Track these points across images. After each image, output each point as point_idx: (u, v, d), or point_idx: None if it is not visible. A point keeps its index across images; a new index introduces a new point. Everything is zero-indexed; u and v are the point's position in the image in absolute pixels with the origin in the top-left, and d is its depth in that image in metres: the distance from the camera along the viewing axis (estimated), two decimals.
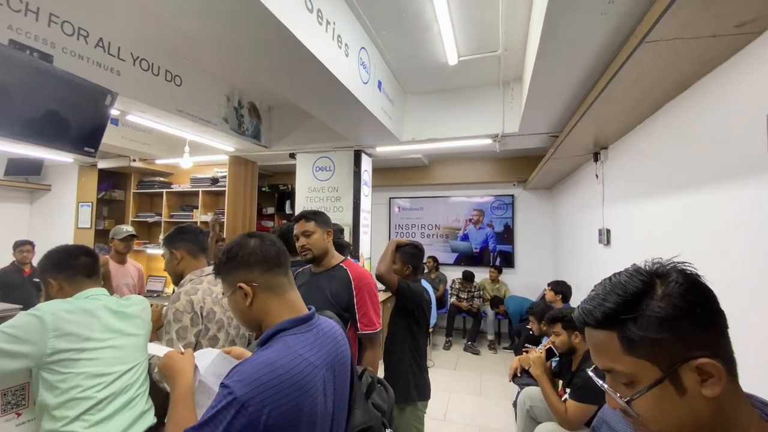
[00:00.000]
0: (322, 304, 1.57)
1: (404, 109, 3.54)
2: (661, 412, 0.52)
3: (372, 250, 4.11)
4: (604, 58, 1.83)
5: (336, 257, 1.78)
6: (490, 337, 5.01)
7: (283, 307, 0.86)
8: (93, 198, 4.50)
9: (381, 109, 2.88)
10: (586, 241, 3.51)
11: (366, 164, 3.94)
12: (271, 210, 5.48)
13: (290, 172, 4.97)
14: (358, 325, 1.64)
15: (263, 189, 5.35)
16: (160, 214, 4.60)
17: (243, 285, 0.85)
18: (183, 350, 0.97)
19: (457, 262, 5.74)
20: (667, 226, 1.98)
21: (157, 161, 4.38)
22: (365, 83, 2.53)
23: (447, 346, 4.89)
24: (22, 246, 3.53)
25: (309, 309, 0.90)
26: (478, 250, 5.71)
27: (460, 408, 3.28)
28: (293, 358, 0.75)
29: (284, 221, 5.03)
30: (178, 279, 1.61)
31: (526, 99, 2.47)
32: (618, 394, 0.55)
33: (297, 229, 1.69)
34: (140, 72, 2.48)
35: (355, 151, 3.80)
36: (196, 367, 0.94)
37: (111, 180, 4.73)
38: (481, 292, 5.17)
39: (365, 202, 3.92)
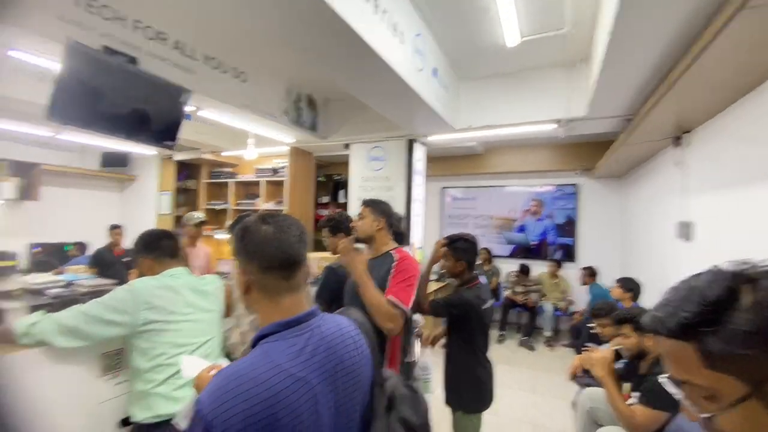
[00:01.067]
0: None
1: (459, 95, 3.45)
2: (749, 430, 0.46)
3: (424, 241, 4.10)
4: (689, 30, 1.63)
5: (388, 245, 1.80)
6: (547, 333, 4.79)
7: (274, 310, 0.76)
8: (171, 187, 4.98)
9: (435, 97, 2.83)
10: (661, 235, 3.20)
11: (419, 153, 3.91)
12: (326, 199, 5.67)
13: (344, 162, 5.08)
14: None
15: (319, 179, 5.55)
16: (227, 202, 4.97)
17: (240, 271, 0.78)
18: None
19: (513, 255, 5.53)
20: (762, 222, 1.74)
21: (224, 153, 4.71)
22: (420, 71, 2.50)
23: (501, 340, 4.77)
24: (114, 229, 4.02)
25: (310, 309, 0.79)
26: (535, 243, 5.45)
27: (512, 404, 3.20)
28: (268, 369, 0.67)
29: (338, 210, 5.19)
30: None
31: (597, 80, 2.28)
32: (697, 409, 0.49)
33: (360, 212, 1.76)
34: (211, 70, 2.67)
35: (408, 140, 3.78)
36: None
37: (186, 171, 5.19)
38: (539, 287, 4.96)
39: (417, 192, 3.90)
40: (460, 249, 1.88)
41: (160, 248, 1.46)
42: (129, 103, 2.26)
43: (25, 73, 2.69)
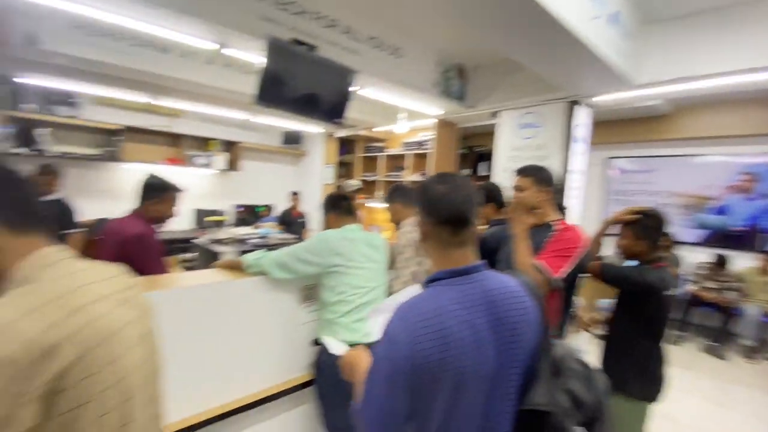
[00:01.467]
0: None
1: (647, 42, 2.86)
2: None
3: (584, 219, 3.68)
4: None
5: (550, 215, 1.69)
6: (748, 342, 3.79)
7: (443, 260, 0.85)
8: (334, 160, 5.71)
9: (612, 49, 2.43)
10: None
11: (581, 117, 3.45)
12: (466, 171, 5.61)
13: (487, 133, 4.89)
14: None
15: (460, 151, 5.50)
16: (377, 174, 5.42)
17: (420, 222, 0.88)
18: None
19: (705, 242, 4.45)
20: None
21: (375, 129, 5.11)
22: (594, 19, 2.17)
23: (677, 342, 4.00)
24: (294, 195, 4.89)
25: (475, 263, 0.84)
26: (741, 228, 4.25)
27: (693, 412, 2.69)
28: (438, 306, 0.76)
29: (483, 181, 5.08)
30: (398, 226, 1.95)
31: None
32: None
33: (514, 182, 1.69)
34: (372, 50, 2.90)
35: (568, 103, 3.38)
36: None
37: (345, 146, 5.86)
38: (741, 285, 3.91)
39: (577, 162, 3.49)
40: (644, 225, 1.63)
41: (340, 207, 1.74)
42: (309, 87, 2.65)
43: (232, 68, 3.44)
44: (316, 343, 1.69)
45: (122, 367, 0.66)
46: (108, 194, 4.57)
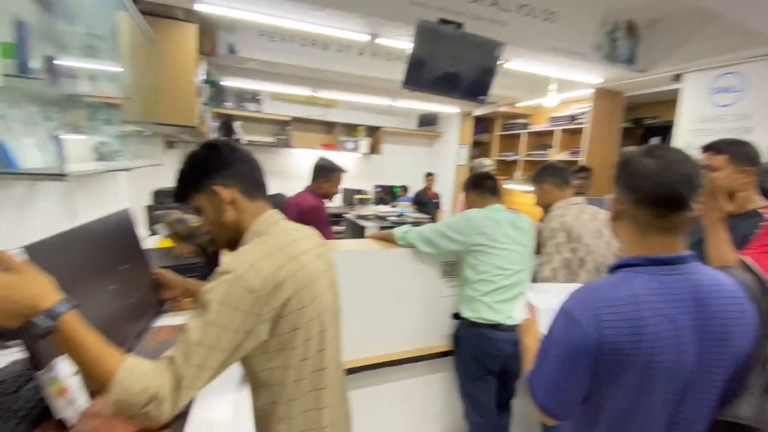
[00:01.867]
0: None
1: None
2: None
3: None
4: None
5: (756, 202, 1.35)
6: None
7: (639, 244, 0.75)
8: (468, 141, 5.61)
9: None
10: None
11: None
12: (631, 149, 4.76)
13: (661, 102, 4.03)
14: None
15: (624, 124, 4.69)
16: (517, 154, 5.09)
17: (615, 198, 0.80)
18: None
19: None
20: None
21: (518, 104, 4.77)
22: None
23: None
24: (429, 176, 5.02)
25: (683, 254, 0.74)
26: None
27: None
28: (628, 294, 0.69)
29: None
30: (546, 209, 1.81)
31: None
32: None
33: (702, 161, 1.40)
34: (522, 18, 2.70)
35: None
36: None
37: (481, 125, 5.67)
38: None
39: None
40: None
41: (483, 187, 1.72)
42: (453, 66, 2.65)
43: (380, 57, 3.67)
44: (456, 316, 1.76)
45: (320, 305, 0.83)
46: (280, 175, 5.51)
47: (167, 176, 3.68)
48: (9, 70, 1.06)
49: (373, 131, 6.03)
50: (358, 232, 4.36)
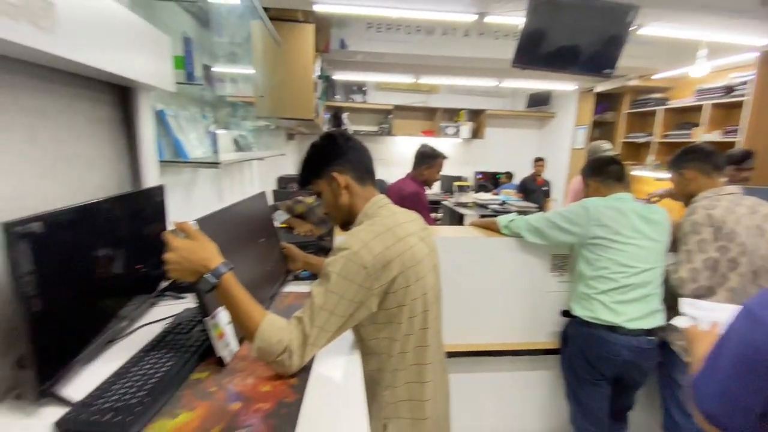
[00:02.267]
0: None
1: None
2: None
3: None
4: None
5: None
6: None
7: None
8: (587, 121, 5.00)
9: None
10: None
11: None
12: None
13: None
14: None
15: None
16: (651, 134, 4.36)
17: None
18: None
19: None
20: None
21: (655, 76, 4.06)
22: None
23: None
24: (538, 161, 4.64)
25: None
26: None
27: None
28: None
29: None
30: (688, 200, 1.53)
31: None
32: None
33: None
34: None
35: None
36: None
37: (605, 103, 5.00)
38: None
39: None
40: None
41: (606, 173, 1.53)
42: (573, 38, 2.39)
43: (486, 36, 3.48)
44: (566, 314, 1.63)
45: (424, 286, 0.87)
46: (381, 162, 5.73)
47: (289, 165, 4.15)
48: (180, 79, 1.32)
49: (475, 115, 5.82)
50: (456, 219, 4.30)
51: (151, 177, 1.13)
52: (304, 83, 2.74)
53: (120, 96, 1.06)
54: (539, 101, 5.87)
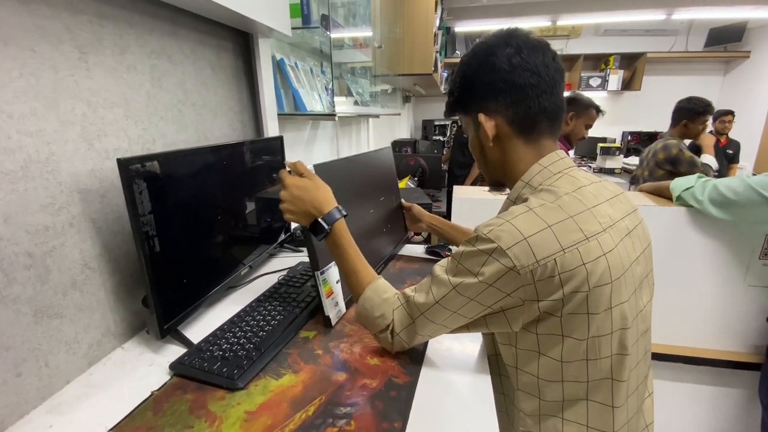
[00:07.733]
0: None
1: None
2: None
3: None
4: None
5: None
6: None
7: None
8: None
9: None
10: None
11: None
12: None
13: None
14: None
15: None
16: None
17: None
18: None
19: None
20: None
21: None
22: None
23: None
24: (724, 116, 3.52)
25: None
26: None
27: None
28: None
29: None
30: None
31: None
32: None
33: None
34: None
35: None
36: None
37: None
38: None
39: None
40: None
41: None
42: None
43: None
44: None
45: (622, 311, 0.53)
46: None
47: (404, 128, 4.04)
48: (297, 25, 1.27)
49: (630, 61, 4.72)
50: None
51: (271, 128, 1.12)
52: (424, 35, 2.52)
53: (241, 45, 1.05)
54: (726, 37, 4.43)
